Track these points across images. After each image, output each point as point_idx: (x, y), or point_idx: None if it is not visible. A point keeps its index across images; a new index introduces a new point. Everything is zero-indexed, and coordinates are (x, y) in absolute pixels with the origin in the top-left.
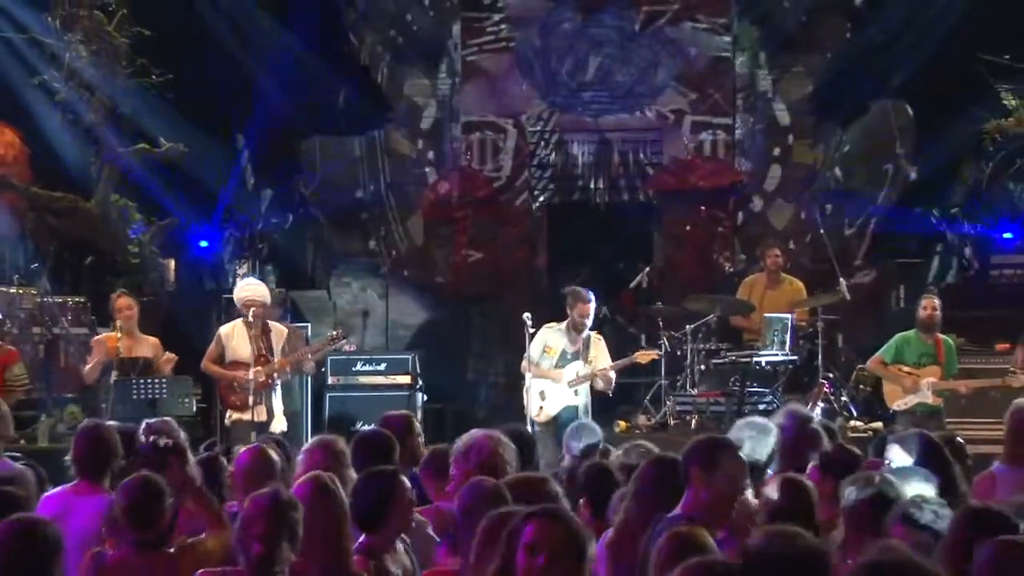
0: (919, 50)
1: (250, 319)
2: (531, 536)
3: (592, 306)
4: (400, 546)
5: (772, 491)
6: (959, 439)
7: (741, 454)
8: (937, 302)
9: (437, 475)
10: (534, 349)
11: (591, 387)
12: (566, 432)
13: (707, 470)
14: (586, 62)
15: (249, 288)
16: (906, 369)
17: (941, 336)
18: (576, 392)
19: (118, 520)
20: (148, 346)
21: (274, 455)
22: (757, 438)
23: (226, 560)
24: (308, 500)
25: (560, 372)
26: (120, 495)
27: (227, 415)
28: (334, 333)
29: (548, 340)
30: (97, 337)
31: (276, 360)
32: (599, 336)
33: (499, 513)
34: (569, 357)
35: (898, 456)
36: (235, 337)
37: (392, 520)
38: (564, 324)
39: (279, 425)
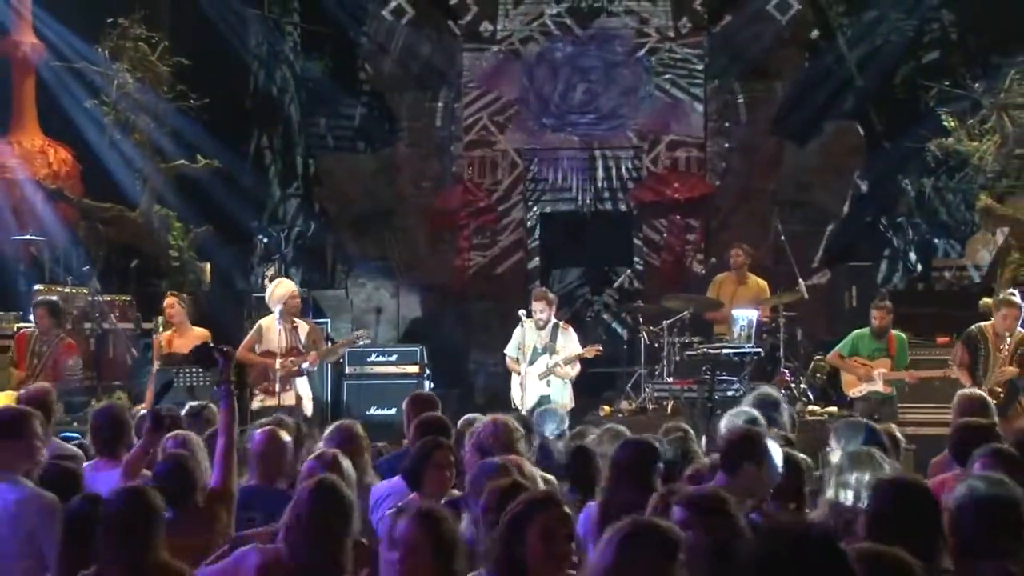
0: (868, 77)
1: (292, 314)
2: (546, 524)
3: (541, 304)
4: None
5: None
6: (897, 433)
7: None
8: (887, 311)
9: None
10: (512, 348)
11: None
12: (536, 416)
13: (759, 464)
14: (574, 87)
15: (287, 284)
16: (861, 361)
17: (894, 332)
18: (548, 383)
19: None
20: (197, 338)
21: (286, 437)
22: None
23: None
24: (310, 497)
25: (530, 368)
26: (154, 476)
27: (256, 399)
28: (359, 333)
29: (523, 338)
30: (156, 337)
31: (309, 353)
32: (567, 326)
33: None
34: (539, 351)
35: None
36: (272, 330)
37: (428, 479)
38: (532, 320)
39: (306, 409)
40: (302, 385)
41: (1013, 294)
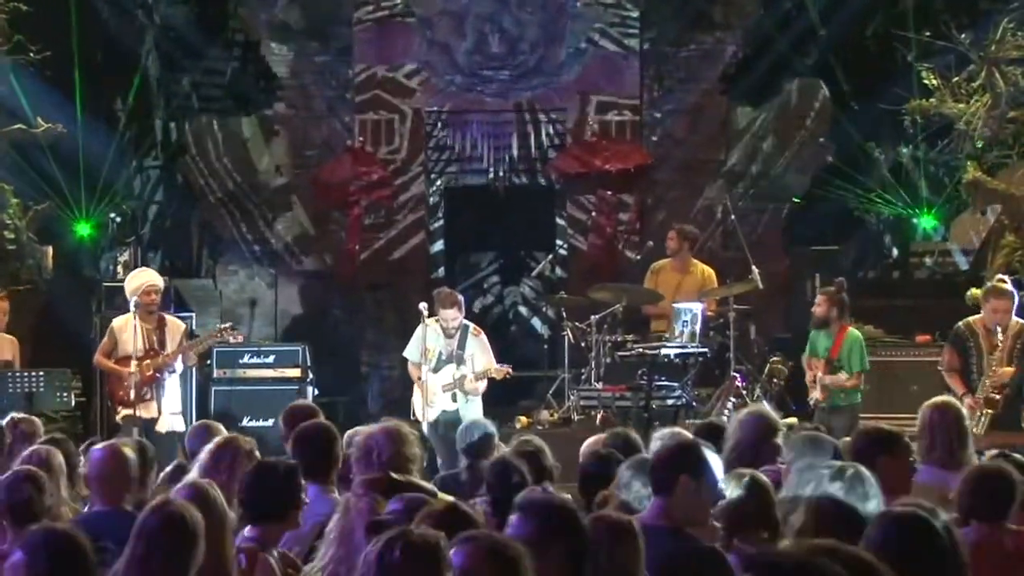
0: (834, 27)
1: (148, 311)
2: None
3: (454, 311)
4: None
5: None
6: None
7: None
8: (828, 299)
9: None
10: (414, 351)
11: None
12: (458, 433)
13: (697, 478)
14: (487, 39)
15: (143, 274)
16: (814, 363)
17: (849, 328)
18: (453, 397)
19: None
20: (7, 346)
21: (130, 454)
22: None
23: None
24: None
25: (433, 376)
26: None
27: (117, 411)
28: (224, 327)
29: (426, 341)
30: None
31: (165, 354)
32: (477, 331)
33: None
34: (444, 359)
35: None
36: (127, 330)
37: (290, 514)
38: (438, 323)
39: (172, 424)
40: (171, 397)
41: (1003, 280)
